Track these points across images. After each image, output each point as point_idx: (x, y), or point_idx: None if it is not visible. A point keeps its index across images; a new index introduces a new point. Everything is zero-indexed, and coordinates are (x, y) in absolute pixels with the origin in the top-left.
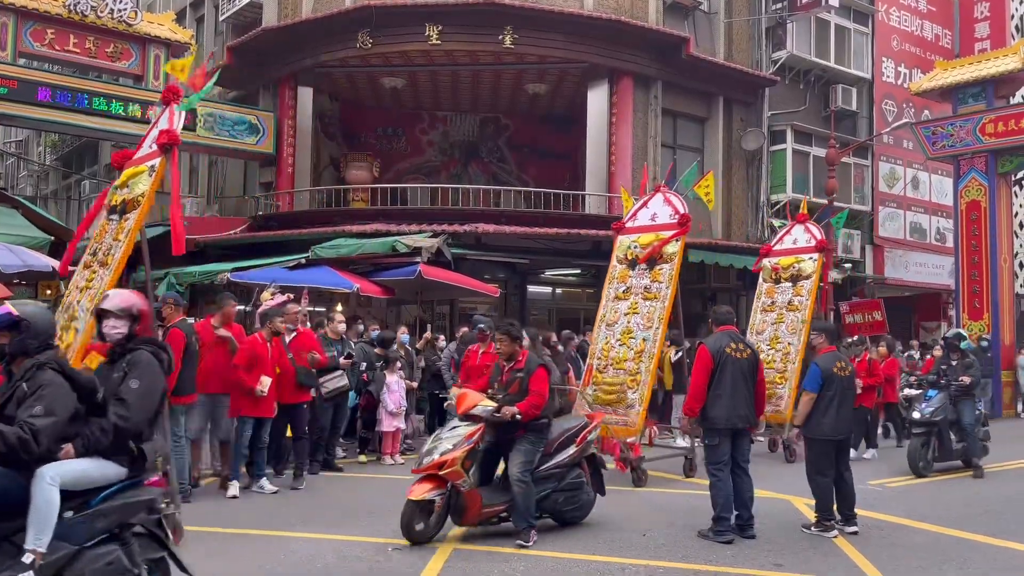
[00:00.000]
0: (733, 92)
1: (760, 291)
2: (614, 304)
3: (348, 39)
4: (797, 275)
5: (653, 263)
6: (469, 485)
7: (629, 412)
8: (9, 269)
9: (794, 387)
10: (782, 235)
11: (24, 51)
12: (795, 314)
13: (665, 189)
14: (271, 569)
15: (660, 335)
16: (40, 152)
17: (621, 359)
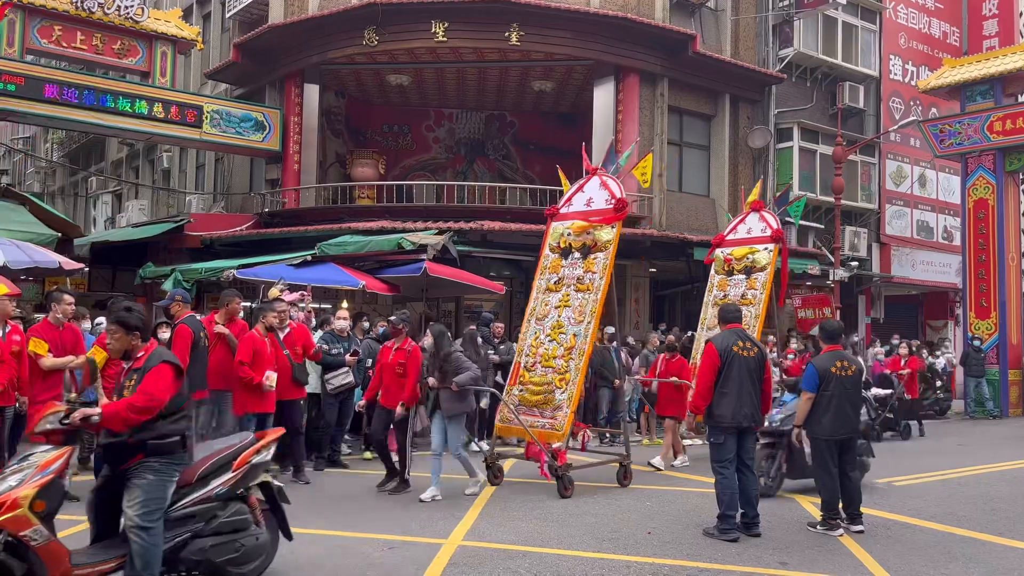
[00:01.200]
0: (740, 89)
1: (712, 284)
2: (544, 296)
3: (354, 36)
4: (751, 267)
5: (587, 252)
6: (44, 538)
7: (556, 414)
8: (17, 265)
9: None
10: (735, 224)
11: (31, 48)
12: (748, 308)
13: (602, 172)
14: (275, 565)
15: (592, 330)
16: (47, 149)
17: (550, 356)
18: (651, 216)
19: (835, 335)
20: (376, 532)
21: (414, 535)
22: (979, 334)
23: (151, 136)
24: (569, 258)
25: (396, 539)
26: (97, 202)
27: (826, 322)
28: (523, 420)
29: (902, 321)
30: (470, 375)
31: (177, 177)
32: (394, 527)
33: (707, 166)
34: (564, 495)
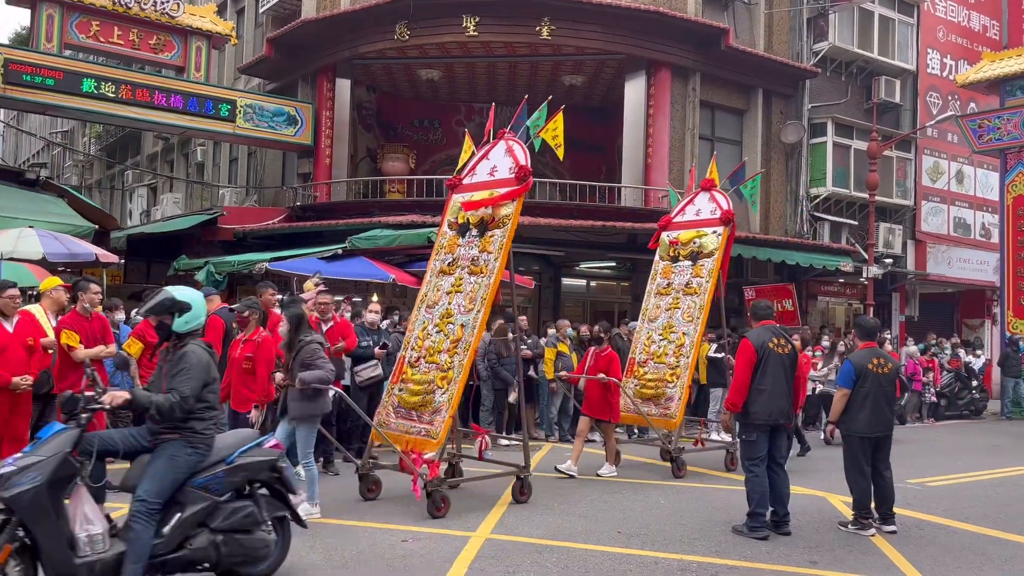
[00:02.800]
0: (773, 84)
1: (655, 271)
2: (437, 280)
3: (386, 31)
4: (697, 252)
5: (484, 229)
6: None
7: (434, 419)
8: (55, 257)
9: (687, 385)
10: (684, 204)
11: (70, 43)
12: (693, 298)
13: (510, 136)
14: (305, 554)
15: (482, 320)
16: (85, 142)
17: (435, 350)
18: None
19: (871, 332)
20: (404, 524)
21: (442, 527)
22: (1018, 333)
23: (185, 130)
24: (466, 236)
25: (424, 531)
26: (133, 195)
27: (862, 318)
28: (399, 425)
29: (937, 320)
30: (319, 373)
31: (211, 171)
32: (422, 519)
33: (739, 161)
34: (435, 515)
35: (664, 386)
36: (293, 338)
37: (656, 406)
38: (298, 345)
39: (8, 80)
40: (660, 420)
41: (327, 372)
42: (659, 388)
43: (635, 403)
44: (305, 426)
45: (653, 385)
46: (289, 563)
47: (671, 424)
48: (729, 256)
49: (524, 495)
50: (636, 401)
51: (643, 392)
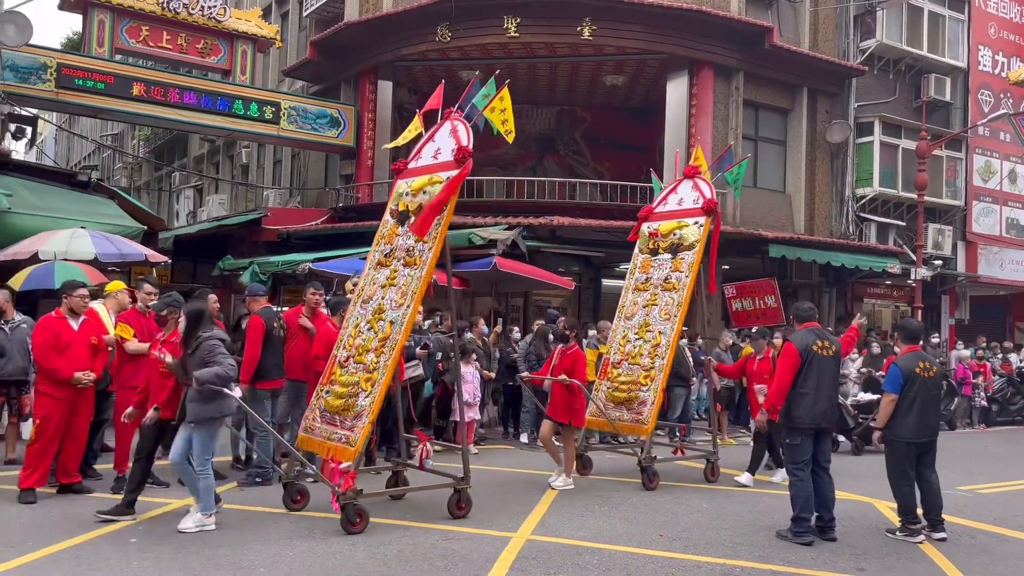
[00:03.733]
0: (818, 82)
1: (634, 264)
2: (374, 273)
3: (427, 32)
4: (678, 244)
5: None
6: None
7: (356, 425)
8: (106, 257)
9: (661, 388)
10: (666, 193)
11: (120, 47)
12: (671, 295)
13: (456, 116)
14: (348, 553)
15: (410, 316)
16: (134, 145)
17: (364, 349)
18: (724, 212)
19: (915, 335)
20: (446, 524)
21: (483, 528)
22: None
23: (231, 132)
24: (405, 225)
25: (465, 531)
26: (180, 196)
27: (906, 321)
28: (323, 431)
29: (989, 323)
30: (214, 371)
31: (255, 172)
32: (463, 519)
33: (783, 161)
34: (349, 531)
35: (637, 389)
36: (191, 334)
37: (628, 411)
38: (195, 342)
39: (61, 84)
40: (631, 426)
41: (225, 369)
42: (632, 391)
43: (604, 407)
44: (203, 429)
45: (626, 388)
46: (334, 561)
47: (643, 431)
48: (716, 249)
49: (462, 509)
50: (608, 405)
51: (615, 396)
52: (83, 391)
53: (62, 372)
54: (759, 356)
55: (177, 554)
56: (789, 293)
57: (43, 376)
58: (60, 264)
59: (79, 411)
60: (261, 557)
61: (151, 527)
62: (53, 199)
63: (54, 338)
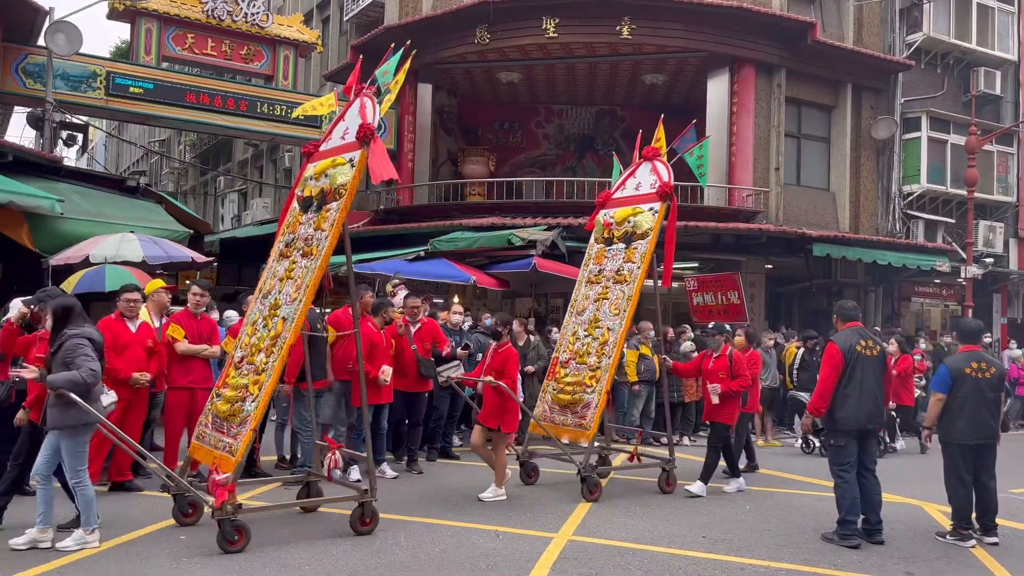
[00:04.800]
0: (863, 78)
1: (589, 255)
2: (276, 266)
3: (466, 35)
4: (631, 233)
5: (323, 203)
6: None
7: (240, 431)
8: (154, 260)
9: (605, 390)
10: (625, 177)
11: (167, 55)
12: (622, 287)
13: (366, 92)
14: (390, 551)
15: (300, 315)
16: (180, 150)
17: (257, 348)
18: (767, 210)
19: (972, 335)
20: (486, 523)
21: (524, 528)
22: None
23: (274, 137)
24: (309, 211)
25: (506, 531)
26: (225, 200)
27: (962, 320)
28: (211, 438)
29: None
30: (68, 376)
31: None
32: (504, 519)
33: (827, 159)
34: (226, 549)
35: (582, 391)
36: (57, 331)
37: (572, 414)
38: (60, 339)
39: (110, 92)
40: (573, 431)
41: (83, 375)
42: (576, 393)
43: (550, 410)
44: (67, 438)
45: (570, 390)
46: (376, 560)
47: (584, 436)
48: (673, 238)
49: (366, 524)
50: (553, 408)
51: (559, 398)
52: (138, 391)
53: (121, 372)
54: (715, 354)
55: (224, 551)
56: (834, 292)
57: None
58: (110, 267)
59: (134, 410)
60: (306, 555)
61: (200, 525)
62: (103, 204)
63: (112, 339)
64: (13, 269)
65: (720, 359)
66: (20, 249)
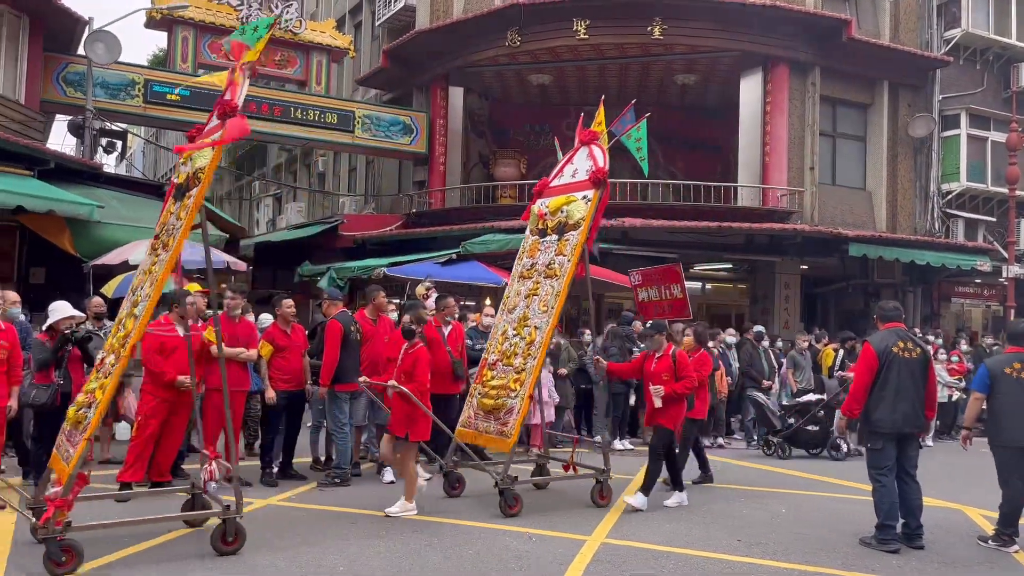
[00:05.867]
0: (899, 75)
1: (523, 249)
2: (149, 259)
3: (497, 38)
4: (564, 223)
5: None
6: None
7: (79, 440)
8: (190, 265)
9: (528, 395)
10: (563, 164)
11: (203, 62)
12: (552, 282)
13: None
14: (423, 552)
15: (147, 312)
16: None
17: (111, 350)
18: (802, 210)
19: (1020, 336)
20: (520, 525)
21: (557, 530)
22: None
23: (308, 142)
24: (181, 200)
25: (539, 533)
26: (260, 205)
27: (1013, 322)
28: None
29: None
30: None
31: (331, 180)
32: (537, 521)
33: (863, 157)
34: (51, 572)
35: (506, 395)
36: None
37: (495, 420)
38: None
39: (148, 99)
40: (495, 439)
41: None
42: (499, 398)
43: (474, 416)
44: None
45: (494, 394)
46: (410, 562)
47: (505, 445)
48: (597, 226)
49: (230, 543)
50: (478, 414)
51: (484, 403)
52: (183, 394)
53: (167, 375)
54: (658, 354)
55: (259, 552)
56: (871, 293)
57: (149, 378)
58: None
59: (178, 412)
60: (340, 557)
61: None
62: (141, 209)
63: (160, 343)
64: (55, 273)
65: (663, 360)
66: (62, 254)
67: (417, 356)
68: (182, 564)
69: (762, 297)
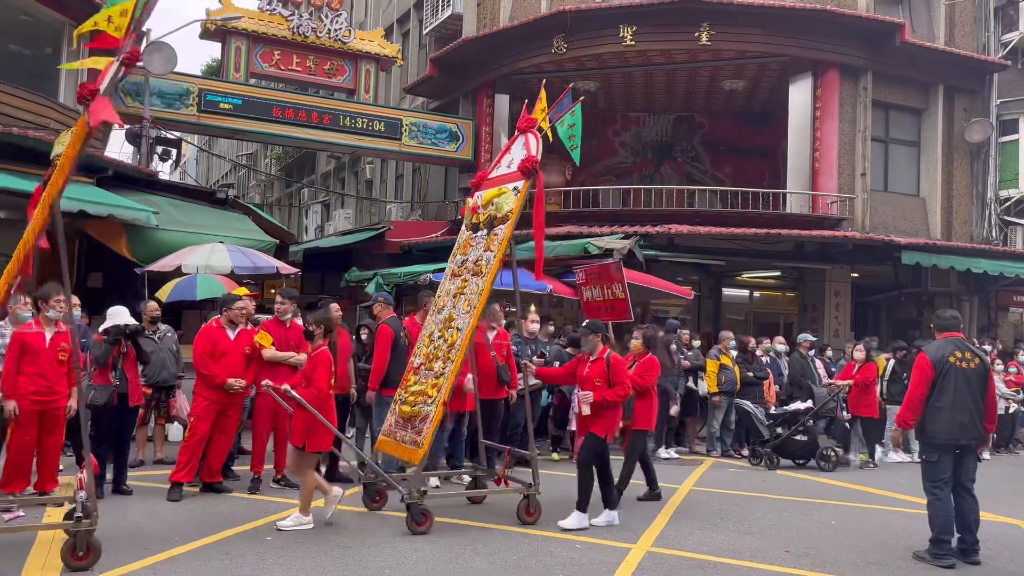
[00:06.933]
0: (955, 79)
1: (457, 245)
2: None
3: (544, 45)
4: (494, 217)
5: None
6: None
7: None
8: (241, 270)
9: (443, 401)
10: (501, 154)
11: (255, 72)
12: (478, 280)
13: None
14: (468, 557)
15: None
16: (266, 163)
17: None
18: (852, 217)
19: None
20: (565, 532)
21: (602, 538)
22: None
23: (356, 149)
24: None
25: (583, 540)
26: (308, 211)
27: None
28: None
29: None
30: None
31: (378, 187)
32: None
33: (916, 163)
34: None
35: (423, 401)
36: None
37: (411, 429)
38: None
39: (202, 108)
40: (408, 449)
41: None
42: (417, 404)
43: (394, 426)
44: None
45: (413, 400)
46: (455, 566)
47: (415, 456)
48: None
49: (81, 559)
50: (398, 422)
51: (403, 410)
52: (234, 396)
53: (218, 378)
54: (592, 357)
55: (308, 552)
56: (925, 302)
57: (200, 380)
58: (201, 277)
59: (229, 414)
60: (388, 559)
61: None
62: (195, 216)
63: (212, 346)
64: (112, 278)
65: (596, 364)
66: (118, 259)
67: (317, 360)
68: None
69: (811, 305)
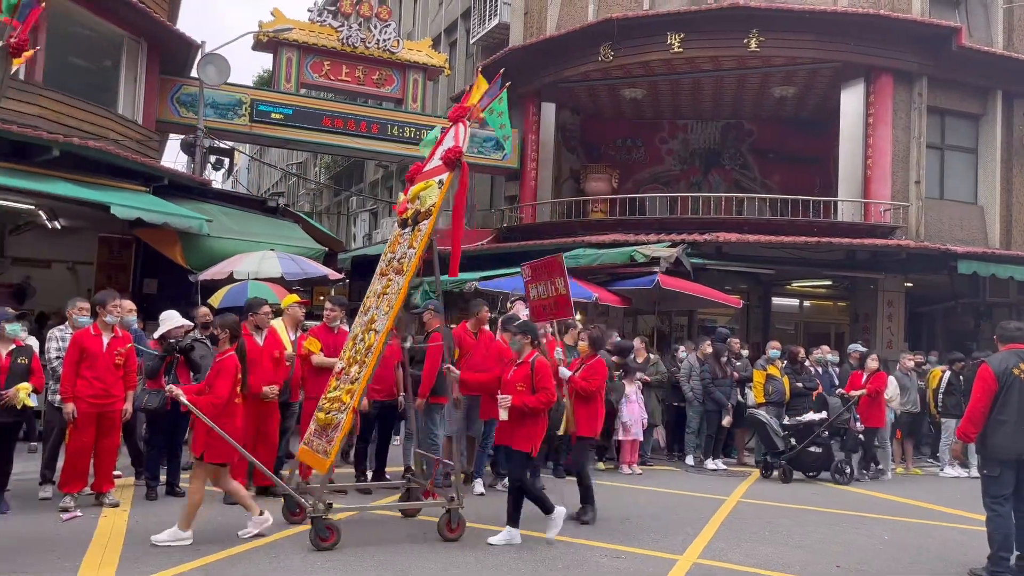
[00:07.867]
0: (1014, 84)
1: (388, 243)
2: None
3: (590, 53)
4: (419, 212)
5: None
6: None
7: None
8: (291, 277)
9: (353, 407)
10: (435, 147)
11: (305, 82)
12: (399, 279)
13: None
14: (512, 564)
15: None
16: (316, 172)
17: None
18: (907, 226)
19: None
20: (608, 542)
21: (648, 548)
22: None
23: (403, 158)
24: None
25: (630, 551)
26: (356, 219)
27: None
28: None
29: None
30: None
31: None
32: (626, 538)
33: (974, 170)
34: None
35: (337, 408)
36: None
37: (324, 438)
38: None
39: (254, 118)
40: (318, 458)
41: None
42: (331, 411)
43: (314, 433)
44: None
45: (328, 406)
46: (499, 575)
47: (322, 465)
48: (460, 216)
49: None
50: (316, 430)
51: (319, 417)
52: (267, 404)
53: (252, 387)
54: (518, 360)
55: (354, 557)
56: (982, 312)
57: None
58: (252, 283)
59: (267, 420)
60: (432, 566)
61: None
62: (247, 223)
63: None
64: (166, 284)
65: (521, 367)
66: (172, 266)
67: (220, 367)
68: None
69: (863, 315)
